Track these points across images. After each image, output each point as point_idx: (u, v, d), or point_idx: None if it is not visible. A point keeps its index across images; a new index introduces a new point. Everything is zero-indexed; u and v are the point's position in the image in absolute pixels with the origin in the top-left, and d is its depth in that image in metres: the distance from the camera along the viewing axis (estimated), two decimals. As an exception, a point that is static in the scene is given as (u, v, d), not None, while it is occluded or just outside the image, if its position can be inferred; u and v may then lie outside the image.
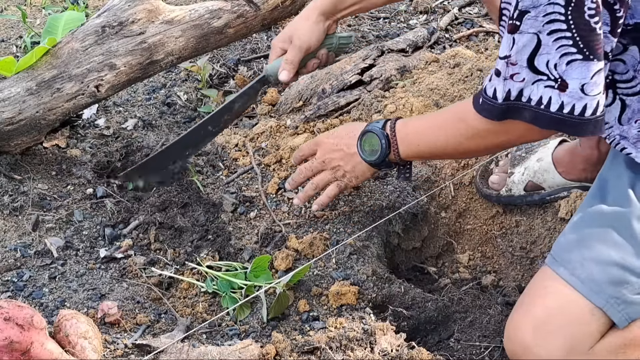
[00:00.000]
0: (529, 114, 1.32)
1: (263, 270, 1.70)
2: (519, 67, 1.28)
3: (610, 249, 1.36)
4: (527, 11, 1.23)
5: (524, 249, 1.95)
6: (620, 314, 1.34)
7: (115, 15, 2.13)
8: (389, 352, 1.50)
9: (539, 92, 1.29)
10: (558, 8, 1.21)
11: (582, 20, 1.21)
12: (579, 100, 1.27)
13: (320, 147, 1.75)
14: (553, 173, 1.85)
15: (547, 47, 1.25)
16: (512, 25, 1.26)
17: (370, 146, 1.62)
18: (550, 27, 1.23)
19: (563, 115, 1.29)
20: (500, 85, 1.32)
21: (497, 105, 1.34)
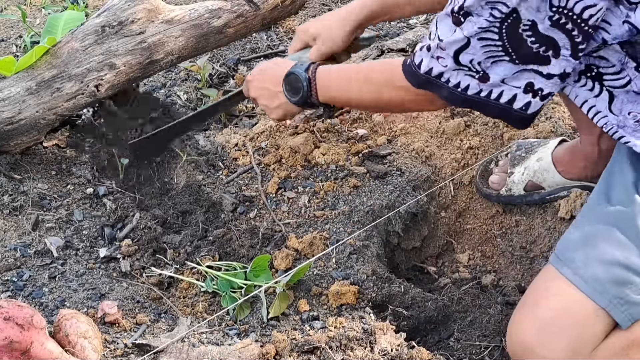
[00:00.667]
0: (446, 92, 1.41)
1: (263, 269, 1.71)
2: (445, 54, 1.35)
3: (615, 249, 1.35)
4: (469, 13, 1.28)
5: (523, 248, 1.95)
6: (624, 314, 1.33)
7: (115, 14, 2.13)
8: (389, 351, 1.50)
9: (459, 77, 1.37)
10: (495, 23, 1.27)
11: (516, 34, 1.27)
12: (497, 87, 1.36)
13: (250, 85, 1.83)
14: (553, 172, 1.85)
15: (473, 49, 1.32)
16: (457, 18, 1.31)
17: (292, 87, 1.71)
18: (482, 35, 1.29)
19: (480, 97, 1.38)
20: (427, 60, 1.40)
21: (419, 74, 1.42)
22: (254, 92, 1.82)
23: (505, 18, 1.25)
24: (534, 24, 1.25)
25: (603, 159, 1.72)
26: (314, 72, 1.68)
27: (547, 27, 1.24)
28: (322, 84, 1.67)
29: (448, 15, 1.33)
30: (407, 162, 2.05)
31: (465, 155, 2.05)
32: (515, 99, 1.35)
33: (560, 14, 1.23)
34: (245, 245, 1.82)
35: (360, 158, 2.06)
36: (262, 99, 1.80)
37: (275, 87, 1.75)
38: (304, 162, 2.07)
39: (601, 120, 1.42)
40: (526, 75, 1.32)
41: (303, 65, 1.70)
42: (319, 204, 1.95)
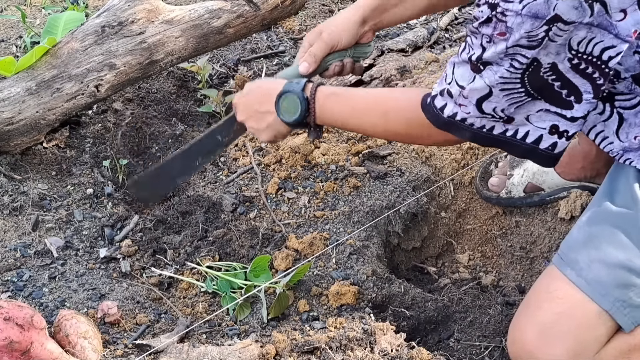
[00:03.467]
0: (469, 134, 1.36)
1: (263, 270, 1.71)
2: (468, 102, 1.31)
3: (618, 251, 1.34)
4: (489, 63, 1.25)
5: (523, 249, 1.95)
6: (627, 317, 1.33)
7: (115, 15, 2.13)
8: (389, 352, 1.50)
9: (483, 122, 1.33)
10: (515, 74, 1.24)
11: (538, 78, 1.24)
12: (522, 126, 1.32)
13: (237, 109, 1.73)
14: (552, 174, 1.85)
15: (496, 98, 1.28)
16: (476, 66, 1.27)
17: (288, 107, 1.60)
18: (503, 86, 1.26)
19: (506, 137, 1.34)
20: (450, 106, 1.35)
21: (442, 117, 1.37)
22: (241, 114, 1.71)
23: (527, 68, 1.23)
24: (554, 65, 1.22)
25: (601, 158, 1.72)
26: (314, 92, 1.58)
27: (567, 68, 1.22)
28: (323, 106, 1.58)
29: (466, 62, 1.29)
30: (407, 163, 2.05)
31: (465, 156, 2.05)
32: (541, 140, 1.32)
33: (579, 58, 1.20)
34: (245, 246, 1.82)
35: (360, 158, 2.06)
36: (250, 121, 1.70)
37: (262, 106, 1.65)
38: (304, 162, 2.07)
39: (608, 146, 1.42)
40: (550, 117, 1.29)
41: (299, 83, 1.59)
42: (319, 204, 1.95)
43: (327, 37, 1.71)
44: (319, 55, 1.72)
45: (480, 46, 1.25)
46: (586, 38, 1.18)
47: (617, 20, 1.16)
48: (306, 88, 1.58)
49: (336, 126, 1.69)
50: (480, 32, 1.23)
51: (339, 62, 1.73)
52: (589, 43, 1.18)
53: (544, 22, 1.15)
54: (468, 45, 1.28)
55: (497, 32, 1.20)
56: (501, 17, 1.18)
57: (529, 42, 1.19)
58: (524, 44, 1.19)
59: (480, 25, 1.23)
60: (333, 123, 1.64)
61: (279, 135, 1.67)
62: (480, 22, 1.22)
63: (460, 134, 1.37)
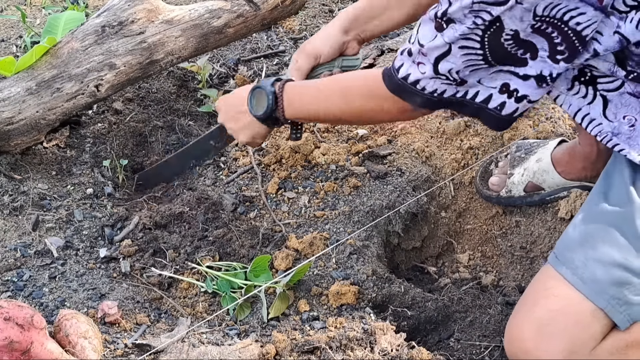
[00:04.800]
0: (420, 99, 1.40)
1: (263, 270, 1.71)
2: (427, 60, 1.33)
3: (613, 249, 1.35)
4: (452, 20, 1.26)
5: (524, 248, 1.95)
6: (622, 315, 1.33)
7: (115, 15, 2.13)
8: (389, 351, 1.50)
9: (435, 86, 1.36)
10: (477, 31, 1.25)
11: (497, 42, 1.26)
12: (473, 87, 1.34)
13: (218, 111, 1.81)
14: (552, 173, 1.85)
15: (454, 57, 1.30)
16: (439, 24, 1.29)
17: (257, 101, 1.67)
18: (463, 43, 1.28)
19: (456, 98, 1.37)
20: (407, 65, 1.38)
21: (396, 79, 1.40)
22: (221, 116, 1.79)
23: (489, 26, 1.24)
24: (517, 33, 1.24)
25: (602, 159, 1.72)
26: (282, 86, 1.64)
27: (529, 33, 1.24)
28: (290, 97, 1.63)
29: (431, 19, 1.31)
30: (407, 162, 2.05)
31: (465, 155, 2.05)
32: (490, 99, 1.35)
33: (541, 21, 1.22)
34: (245, 246, 1.82)
35: (360, 158, 2.06)
36: (228, 122, 1.76)
37: (239, 107, 1.72)
38: (304, 162, 2.07)
39: (595, 128, 1.41)
40: (502, 76, 1.31)
41: (269, 79, 1.66)
42: (319, 204, 1.95)
43: (310, 50, 1.78)
44: (303, 69, 1.78)
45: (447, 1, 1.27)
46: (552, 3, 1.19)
47: None
48: (275, 84, 1.65)
49: (306, 118, 1.71)
50: None
51: (328, 73, 1.78)
52: (554, 8, 1.20)
53: None
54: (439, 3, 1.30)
55: None
56: None
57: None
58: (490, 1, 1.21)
59: None
60: (302, 114, 1.67)
61: (257, 135, 1.73)
62: None
63: (411, 99, 1.40)
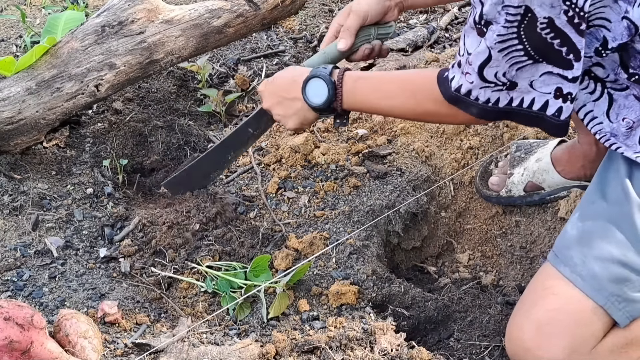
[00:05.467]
0: (476, 110, 1.38)
1: (263, 269, 1.70)
2: (472, 69, 1.33)
3: (612, 246, 1.35)
4: (490, 22, 1.26)
5: (523, 248, 1.95)
6: (622, 312, 1.34)
7: (115, 14, 2.13)
8: (389, 351, 1.50)
9: (487, 95, 1.35)
10: (512, 29, 1.24)
11: (535, 34, 1.25)
12: (527, 93, 1.33)
13: (263, 95, 1.76)
14: (552, 173, 1.85)
15: (496, 62, 1.29)
16: (480, 29, 1.29)
17: (315, 91, 1.62)
18: (501, 45, 1.27)
19: (512, 107, 1.35)
20: (457, 77, 1.38)
21: (450, 91, 1.40)
22: (268, 101, 1.74)
23: (522, 19, 1.23)
24: (551, 20, 1.22)
25: (601, 158, 1.72)
26: (341, 76, 1.60)
27: (565, 22, 1.22)
28: (350, 90, 1.60)
29: (472, 27, 1.31)
30: (407, 162, 2.05)
31: (465, 155, 2.05)
32: (547, 105, 1.33)
33: (573, 10, 1.21)
34: (245, 245, 1.82)
35: (360, 158, 2.06)
36: (276, 108, 1.72)
37: (289, 93, 1.67)
38: (304, 162, 2.07)
39: (596, 126, 1.42)
40: (554, 79, 1.30)
41: (326, 68, 1.62)
42: (319, 204, 1.95)
43: (358, 9, 1.73)
44: (353, 28, 1.73)
45: (479, 2, 1.26)
46: None
47: None
48: (333, 73, 1.61)
49: (363, 110, 1.70)
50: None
51: (369, 45, 1.76)
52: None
53: None
54: (472, 7, 1.30)
55: None
56: None
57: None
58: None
59: None
60: (360, 107, 1.67)
61: (305, 122, 1.71)
62: None
63: (468, 110, 1.39)
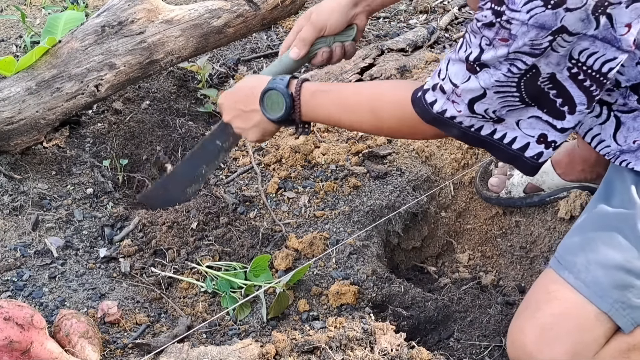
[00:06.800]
0: (457, 131, 1.35)
1: (263, 269, 1.70)
2: (460, 100, 1.30)
3: (616, 252, 1.33)
4: (487, 65, 1.23)
5: (523, 248, 1.95)
6: (626, 318, 1.32)
7: (114, 14, 2.13)
8: (389, 351, 1.50)
9: (472, 122, 1.33)
10: (513, 78, 1.23)
11: (534, 86, 1.23)
12: (511, 130, 1.31)
13: (223, 109, 1.72)
14: (552, 174, 1.84)
15: (490, 100, 1.27)
16: (472, 66, 1.26)
17: (272, 104, 1.58)
18: (499, 89, 1.25)
19: (492, 139, 1.33)
20: (441, 102, 1.34)
21: (431, 113, 1.36)
22: (227, 115, 1.70)
23: (525, 73, 1.22)
24: (553, 75, 1.22)
25: (601, 162, 1.72)
26: (299, 88, 1.55)
27: (565, 77, 1.22)
28: (309, 101, 1.55)
29: (462, 61, 1.27)
30: (407, 162, 2.05)
31: (465, 155, 2.05)
32: (527, 147, 1.32)
33: (579, 68, 1.20)
34: (245, 245, 1.82)
35: (360, 158, 2.06)
36: (236, 121, 1.68)
37: (247, 106, 1.63)
38: (304, 162, 2.07)
39: (604, 149, 1.41)
40: (541, 125, 1.29)
41: (283, 79, 1.56)
42: (319, 204, 1.95)
43: (315, 20, 1.67)
44: (308, 39, 1.68)
45: (478, 46, 1.24)
46: (588, 49, 1.17)
47: (621, 35, 1.15)
48: (290, 84, 1.56)
49: (323, 122, 1.66)
50: (482, 33, 1.22)
51: (327, 48, 1.69)
52: (591, 56, 1.18)
53: (549, 33, 1.15)
54: (466, 42, 1.27)
55: (500, 37, 1.19)
56: (505, 24, 1.17)
57: (532, 49, 1.18)
58: (526, 51, 1.18)
59: (482, 27, 1.21)
60: (320, 119, 1.63)
61: (266, 133, 1.67)
62: (483, 24, 1.21)
63: (448, 131, 1.37)
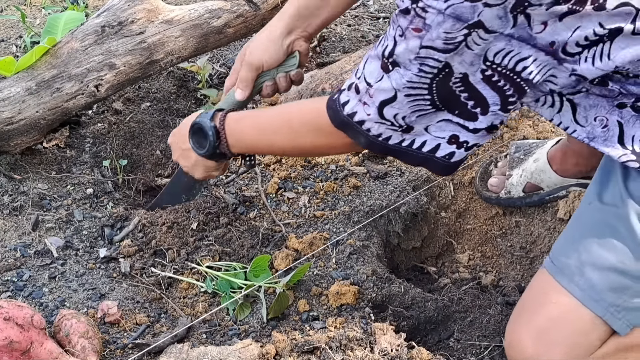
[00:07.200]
0: (364, 140, 1.30)
1: (263, 269, 1.70)
2: (371, 102, 1.25)
3: (609, 253, 1.32)
4: (398, 65, 1.18)
5: (523, 248, 1.95)
6: (621, 321, 1.32)
7: (114, 15, 2.13)
8: (389, 352, 1.50)
9: (380, 130, 1.28)
10: (424, 80, 1.18)
11: (446, 87, 1.19)
12: (420, 136, 1.27)
13: (172, 150, 1.69)
14: (549, 172, 1.85)
15: (400, 104, 1.22)
16: (385, 64, 1.20)
17: (198, 138, 1.55)
18: (409, 91, 1.20)
19: (401, 147, 1.29)
20: (353, 102, 1.28)
21: (341, 114, 1.30)
22: (174, 154, 1.67)
23: (437, 73, 1.17)
24: (465, 76, 1.17)
25: (594, 153, 1.72)
26: (222, 119, 1.50)
27: (478, 79, 1.18)
28: (234, 131, 1.51)
29: (378, 57, 1.22)
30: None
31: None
32: (438, 149, 1.28)
33: (493, 70, 1.16)
34: (245, 246, 1.82)
35: (360, 158, 2.06)
36: (181, 160, 1.64)
37: (184, 144, 1.59)
38: (303, 162, 2.07)
39: (573, 133, 1.37)
40: (451, 127, 1.25)
41: (208, 113, 1.52)
42: (319, 204, 1.95)
43: (250, 59, 1.63)
44: (248, 79, 1.64)
45: (393, 38, 1.18)
46: (504, 50, 1.13)
47: (537, 33, 1.12)
48: (215, 117, 1.52)
49: (252, 151, 1.59)
50: (397, 22, 1.17)
51: (270, 82, 1.65)
52: (506, 56, 1.14)
53: (465, 26, 1.10)
54: (385, 36, 1.21)
55: (413, 26, 1.14)
56: (421, 12, 1.12)
57: (445, 44, 1.13)
58: (439, 47, 1.13)
59: (399, 15, 1.16)
60: (250, 149, 1.57)
61: (209, 170, 1.62)
62: (399, 10, 1.15)
63: (356, 138, 1.31)
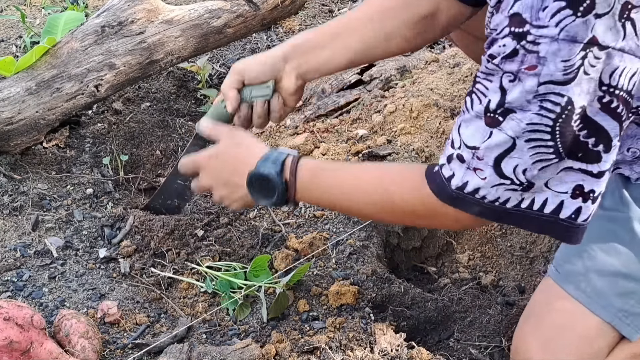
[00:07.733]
0: (479, 209, 1.18)
1: (263, 270, 1.70)
2: (484, 164, 1.13)
3: (613, 258, 1.32)
4: (513, 110, 1.07)
5: (523, 248, 1.95)
6: (630, 326, 1.31)
7: (114, 15, 2.13)
8: (389, 352, 1.50)
9: (497, 193, 1.15)
10: (546, 120, 1.06)
11: (569, 129, 1.07)
12: (540, 193, 1.14)
13: (204, 172, 1.53)
14: None
15: (520, 152, 1.10)
16: (493, 119, 1.09)
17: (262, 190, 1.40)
18: (531, 135, 1.08)
19: (519, 209, 1.16)
20: (461, 173, 1.17)
21: (449, 189, 1.19)
22: (209, 179, 1.51)
23: (560, 113, 1.05)
24: (583, 109, 1.05)
25: None
26: (294, 170, 1.37)
27: (597, 110, 1.06)
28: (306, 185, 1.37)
29: (479, 116, 1.11)
30: (407, 162, 2.04)
31: (465, 156, 2.05)
32: (562, 207, 1.14)
33: (610, 94, 1.05)
34: (245, 246, 1.82)
35: (360, 158, 2.06)
36: (221, 189, 1.50)
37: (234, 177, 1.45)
38: (303, 162, 2.07)
39: None
40: (573, 176, 1.11)
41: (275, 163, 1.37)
42: (319, 204, 1.95)
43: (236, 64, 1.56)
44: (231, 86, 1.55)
45: (499, 89, 1.08)
46: (618, 68, 1.03)
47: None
48: (285, 166, 1.38)
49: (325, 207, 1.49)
50: (501, 70, 1.07)
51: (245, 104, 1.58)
52: (621, 75, 1.04)
53: (581, 47, 1.00)
54: (478, 95, 1.12)
55: (525, 65, 1.04)
56: (532, 46, 1.02)
57: (565, 75, 1.03)
58: (559, 79, 1.03)
59: (502, 62, 1.06)
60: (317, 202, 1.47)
61: (248, 205, 1.51)
62: (502, 57, 1.05)
63: (469, 209, 1.19)
